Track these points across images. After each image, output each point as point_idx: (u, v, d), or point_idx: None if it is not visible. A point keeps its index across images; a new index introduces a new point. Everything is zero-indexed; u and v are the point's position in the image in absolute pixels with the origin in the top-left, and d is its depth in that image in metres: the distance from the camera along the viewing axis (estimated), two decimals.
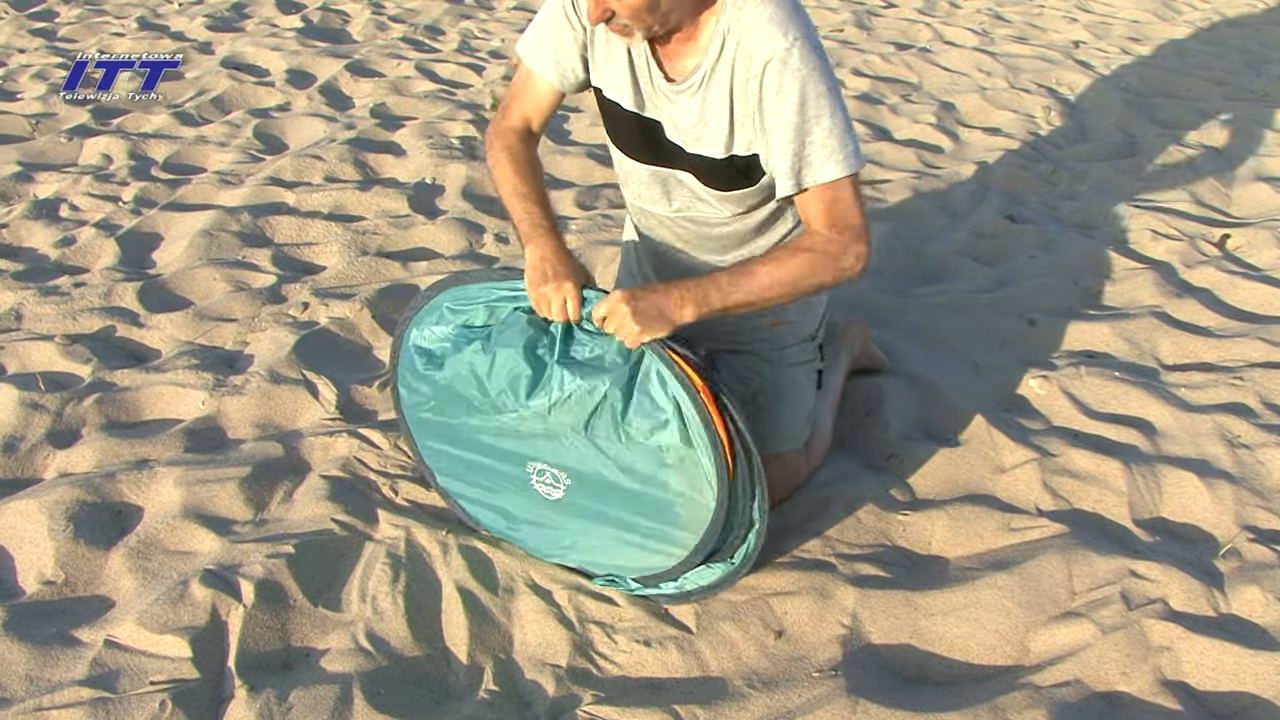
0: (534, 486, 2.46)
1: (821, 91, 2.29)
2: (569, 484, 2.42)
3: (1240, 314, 3.80)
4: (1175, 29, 7.18)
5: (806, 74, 2.27)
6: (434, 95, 5.30)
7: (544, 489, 2.45)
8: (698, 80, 2.38)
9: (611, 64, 2.49)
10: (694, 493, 2.32)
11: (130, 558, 2.48)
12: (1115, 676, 2.37)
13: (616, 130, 2.61)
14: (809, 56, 2.28)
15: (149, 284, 3.57)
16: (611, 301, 2.27)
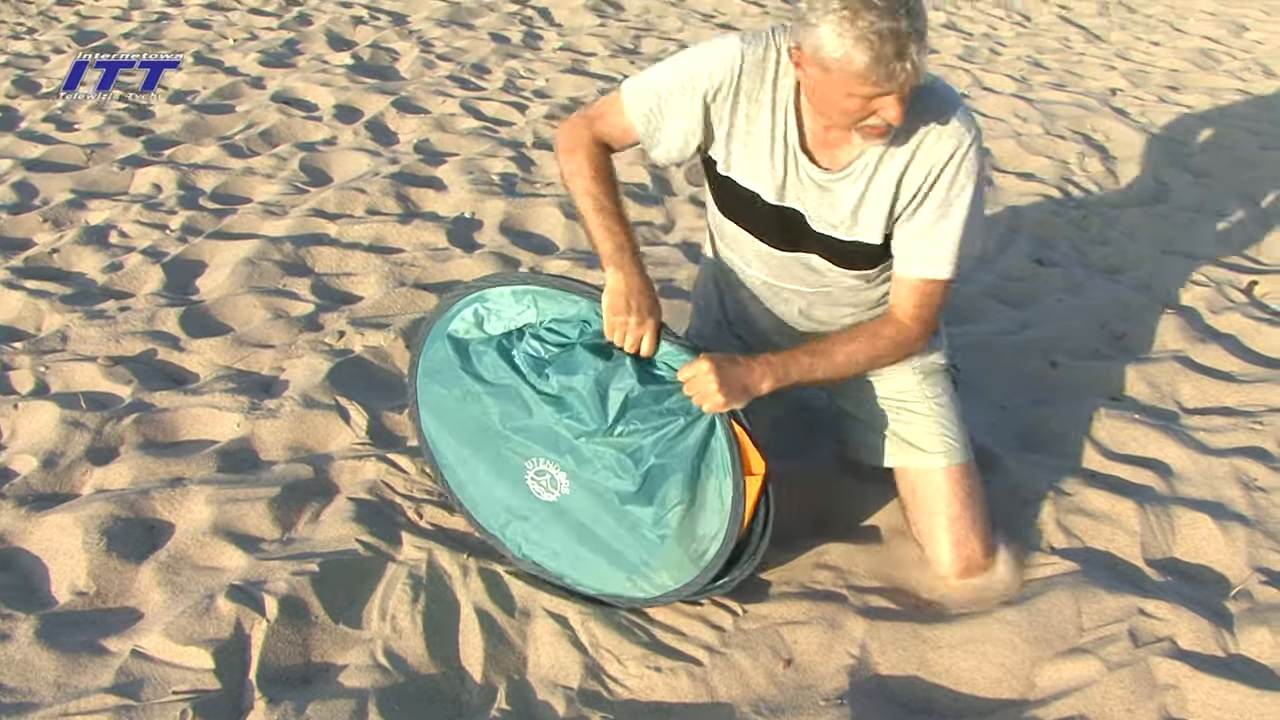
0: (527, 483, 2.54)
1: (977, 197, 2.43)
2: (566, 493, 2.49)
3: (1263, 359, 3.82)
4: (1214, 78, 7.20)
5: (977, 176, 2.41)
6: (477, 132, 5.41)
7: (537, 488, 2.52)
8: (859, 169, 2.43)
9: (751, 155, 2.51)
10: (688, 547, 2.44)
11: (160, 572, 2.56)
12: (1120, 713, 2.40)
13: (747, 216, 2.61)
14: (979, 158, 2.40)
15: (191, 309, 3.68)
16: (698, 366, 2.34)
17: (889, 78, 2.12)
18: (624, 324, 2.37)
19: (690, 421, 2.37)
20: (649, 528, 2.43)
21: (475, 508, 2.68)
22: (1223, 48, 7.97)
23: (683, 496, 2.38)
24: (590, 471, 2.44)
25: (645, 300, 2.39)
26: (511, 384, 2.49)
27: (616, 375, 2.38)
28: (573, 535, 2.53)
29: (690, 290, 3.12)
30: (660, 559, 2.46)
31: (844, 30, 2.10)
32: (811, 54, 2.19)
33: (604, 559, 2.52)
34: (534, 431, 2.49)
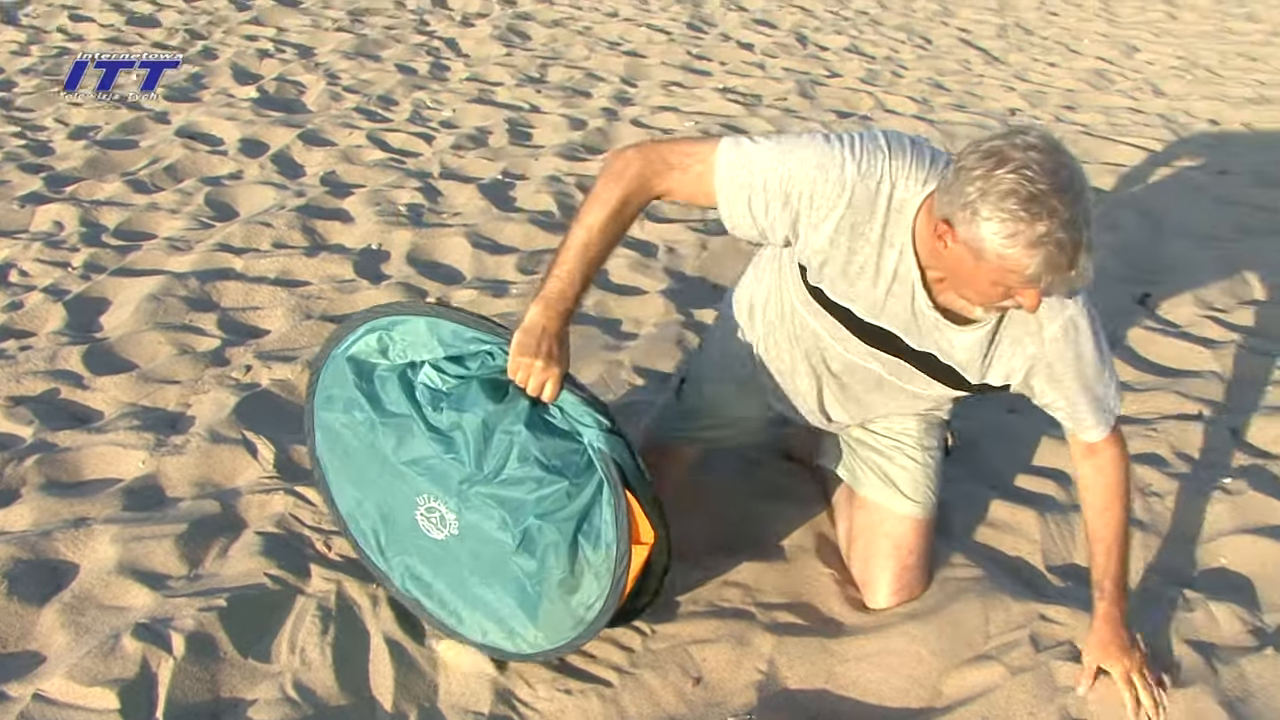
0: (417, 518, 2.47)
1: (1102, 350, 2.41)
2: (455, 534, 2.43)
3: (1157, 368, 3.93)
4: (1108, 98, 7.40)
5: (1093, 335, 2.37)
6: (384, 164, 5.41)
7: (427, 525, 2.46)
8: (985, 334, 2.37)
9: (848, 281, 2.38)
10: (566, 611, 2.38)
11: (64, 613, 2.53)
12: (1023, 717, 2.46)
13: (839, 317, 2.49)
14: (1088, 318, 2.36)
15: (94, 347, 3.64)
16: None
17: (1053, 284, 2.04)
18: (529, 364, 2.27)
19: (575, 488, 2.28)
20: (530, 584, 2.36)
21: (364, 537, 2.62)
22: (1115, 68, 8.19)
23: (560, 563, 2.30)
24: (476, 517, 2.38)
25: (557, 348, 2.29)
26: (408, 415, 2.42)
27: (507, 418, 2.31)
28: (456, 578, 2.47)
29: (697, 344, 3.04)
30: (537, 618, 2.40)
31: (1018, 233, 1.97)
32: (966, 239, 2.05)
33: (480, 611, 2.46)
34: (426, 466, 2.41)
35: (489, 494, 2.34)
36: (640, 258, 4.55)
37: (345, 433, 2.55)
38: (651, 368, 3.72)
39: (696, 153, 2.33)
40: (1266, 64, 8.44)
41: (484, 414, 2.33)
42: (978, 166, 2.00)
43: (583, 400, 2.33)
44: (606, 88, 6.87)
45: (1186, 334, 4.13)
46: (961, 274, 2.15)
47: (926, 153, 2.27)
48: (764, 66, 7.57)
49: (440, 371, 2.41)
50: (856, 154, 2.24)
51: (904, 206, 2.25)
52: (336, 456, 2.61)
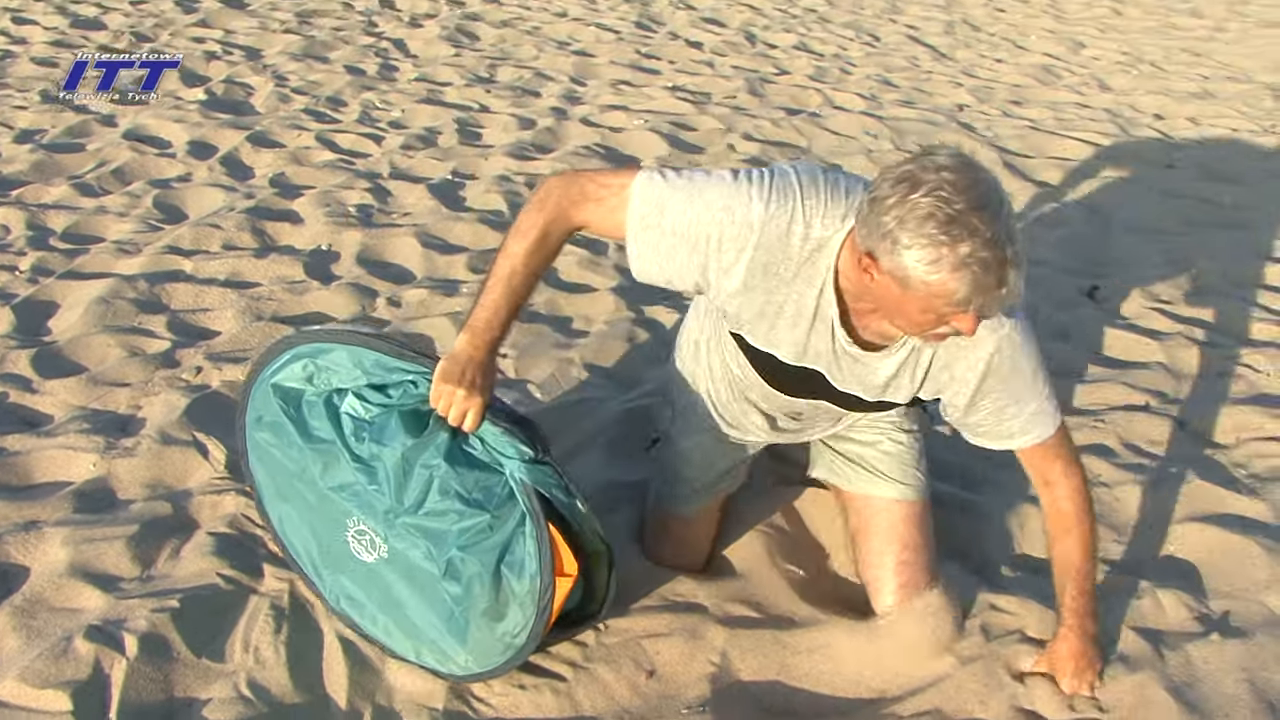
0: (348, 540, 2.47)
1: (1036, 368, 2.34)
2: (385, 558, 2.42)
3: (1105, 360, 3.98)
4: (1055, 93, 7.47)
5: (1029, 355, 2.31)
6: (333, 165, 5.40)
7: (357, 547, 2.45)
8: (898, 347, 2.32)
9: (768, 324, 2.34)
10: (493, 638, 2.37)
11: (15, 616, 2.51)
12: (974, 705, 2.50)
13: (763, 369, 2.51)
14: (1022, 340, 2.29)
15: (43, 351, 3.61)
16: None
17: (984, 306, 1.99)
18: (451, 393, 2.25)
19: (497, 520, 2.29)
20: (457, 610, 2.36)
21: (298, 556, 2.61)
22: (1062, 63, 8.27)
23: (485, 593, 2.31)
24: (401, 544, 2.39)
25: (481, 377, 2.27)
26: (332, 442, 2.41)
27: (426, 452, 2.31)
28: (387, 600, 2.46)
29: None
30: (466, 642, 2.39)
31: (941, 258, 1.91)
32: (890, 269, 1.99)
33: (412, 633, 2.46)
34: (352, 492, 2.42)
35: (413, 525, 2.35)
36: (590, 255, 4.56)
37: (275, 453, 2.55)
38: (602, 365, 3.73)
39: (613, 184, 2.28)
40: (1210, 59, 8.55)
41: (402, 448, 2.32)
42: (891, 194, 1.95)
43: (505, 430, 2.30)
44: (556, 87, 6.87)
45: (1134, 326, 4.19)
46: (890, 304, 2.08)
47: (842, 186, 2.21)
48: (713, 65, 7.60)
49: (363, 400, 2.40)
50: (765, 193, 2.19)
51: (823, 245, 2.20)
52: (269, 475, 2.61)
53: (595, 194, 2.28)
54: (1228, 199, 5.56)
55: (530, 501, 2.26)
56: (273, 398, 2.50)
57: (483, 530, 2.29)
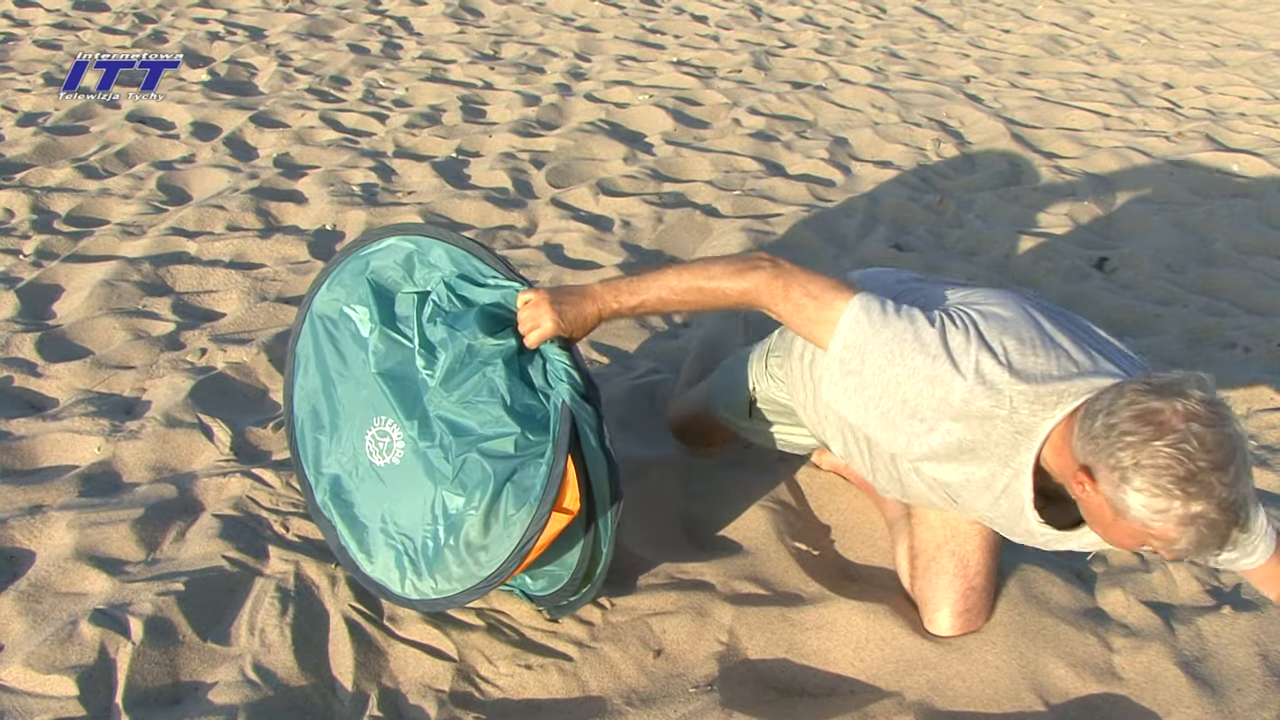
0: (366, 439, 2.50)
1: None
2: (394, 464, 2.44)
3: (1116, 331, 3.94)
4: (1062, 63, 7.43)
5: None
6: (337, 144, 5.37)
7: (373, 447, 2.48)
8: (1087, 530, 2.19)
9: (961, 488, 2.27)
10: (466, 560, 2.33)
11: (20, 601, 2.51)
12: (982, 680, 2.49)
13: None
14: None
15: (48, 334, 3.61)
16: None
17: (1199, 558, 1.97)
18: (539, 304, 2.30)
19: (523, 440, 2.29)
20: (442, 527, 2.34)
21: (303, 444, 2.62)
22: (1070, 33, 8.22)
23: (479, 507, 2.28)
24: (427, 445, 2.39)
25: (572, 309, 2.30)
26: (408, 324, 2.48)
27: (490, 351, 2.35)
28: (377, 507, 2.47)
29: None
30: (434, 565, 2.36)
31: (1170, 510, 1.82)
32: (1111, 498, 1.89)
33: (384, 544, 2.44)
34: (398, 381, 2.46)
35: (446, 415, 2.37)
36: (596, 231, 4.54)
37: (329, 337, 2.61)
38: (608, 342, 3.71)
39: (818, 298, 2.22)
40: (1220, 27, 8.49)
41: (471, 339, 2.36)
42: (1132, 431, 1.84)
43: (571, 361, 2.34)
44: (560, 63, 6.84)
45: (1144, 296, 4.17)
46: (1097, 519, 1.98)
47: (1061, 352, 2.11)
48: (718, 39, 7.56)
49: (452, 291, 2.45)
50: (972, 366, 2.09)
51: (1028, 431, 2.08)
52: (313, 358, 2.64)
53: (796, 299, 2.22)
54: (1236, 168, 5.53)
55: (562, 425, 2.27)
56: (365, 282, 2.57)
57: (508, 443, 2.29)
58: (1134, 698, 2.43)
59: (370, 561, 2.47)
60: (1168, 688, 2.43)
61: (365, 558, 2.48)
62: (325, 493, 2.57)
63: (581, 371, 2.35)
